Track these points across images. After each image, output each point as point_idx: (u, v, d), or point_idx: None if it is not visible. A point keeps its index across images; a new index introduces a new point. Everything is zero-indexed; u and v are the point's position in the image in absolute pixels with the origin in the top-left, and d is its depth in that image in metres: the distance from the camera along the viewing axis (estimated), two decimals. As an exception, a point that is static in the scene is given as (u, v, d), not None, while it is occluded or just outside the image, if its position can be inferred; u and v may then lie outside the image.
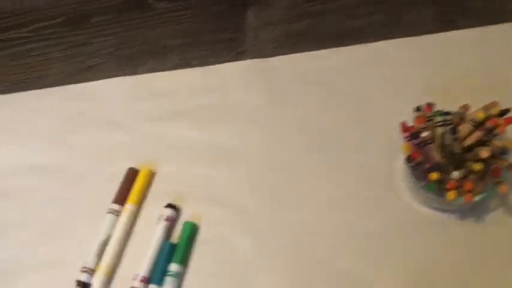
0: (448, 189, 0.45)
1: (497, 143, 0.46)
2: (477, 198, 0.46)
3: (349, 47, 0.60)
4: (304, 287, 0.48)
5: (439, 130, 0.48)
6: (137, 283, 0.48)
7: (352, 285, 0.47)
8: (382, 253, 0.48)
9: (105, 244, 0.51)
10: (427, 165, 0.47)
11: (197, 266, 0.50)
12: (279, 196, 0.53)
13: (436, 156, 0.47)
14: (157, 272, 0.49)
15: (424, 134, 0.48)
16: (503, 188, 0.45)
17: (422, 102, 0.49)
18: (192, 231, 0.51)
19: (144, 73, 0.63)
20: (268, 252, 0.50)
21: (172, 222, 0.52)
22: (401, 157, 0.52)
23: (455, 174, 0.45)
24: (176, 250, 0.50)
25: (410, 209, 0.50)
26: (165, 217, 0.52)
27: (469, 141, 0.47)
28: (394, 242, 0.49)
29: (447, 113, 0.48)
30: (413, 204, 0.50)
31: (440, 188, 0.46)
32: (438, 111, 0.49)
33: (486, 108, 0.47)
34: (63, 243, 0.53)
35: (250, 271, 0.49)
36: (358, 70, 0.58)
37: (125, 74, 0.63)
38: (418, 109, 0.48)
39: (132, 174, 0.55)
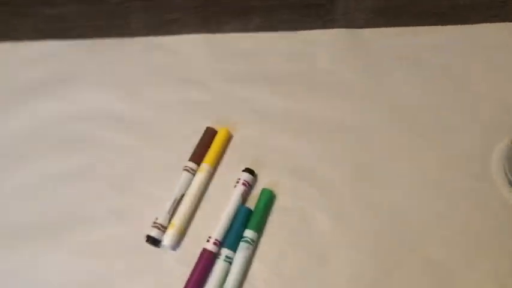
0: None
1: None
2: None
3: (449, 27, 0.56)
4: (385, 272, 0.45)
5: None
6: (210, 246, 0.47)
7: (439, 275, 0.44)
8: (473, 246, 0.45)
9: (178, 202, 0.50)
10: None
11: (272, 236, 0.48)
12: (364, 175, 0.50)
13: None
14: (231, 237, 0.47)
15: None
16: None
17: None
18: (269, 198, 0.49)
19: (226, 32, 0.60)
20: (348, 232, 0.47)
21: (248, 187, 0.50)
22: (500, 147, 0.49)
23: None
24: (252, 216, 0.48)
25: (506, 204, 0.47)
26: (242, 181, 0.50)
27: None
28: (487, 236, 0.45)
29: None
30: (509, 199, 0.47)
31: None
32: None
33: None
34: (134, 196, 0.51)
35: (327, 249, 0.46)
36: (459, 51, 0.54)
37: (206, 32, 0.61)
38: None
39: (210, 134, 0.53)
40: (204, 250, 0.47)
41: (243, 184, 0.50)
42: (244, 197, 0.50)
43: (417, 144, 0.50)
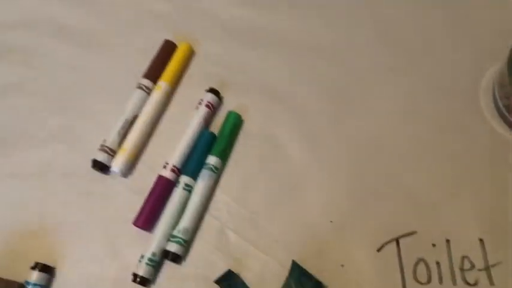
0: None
1: None
2: None
3: None
4: (361, 203, 0.40)
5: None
6: (167, 172, 0.41)
7: (419, 207, 0.40)
8: (456, 177, 0.41)
9: (130, 123, 0.43)
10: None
11: (237, 164, 0.42)
12: (342, 99, 0.44)
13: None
14: (192, 163, 0.41)
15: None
16: None
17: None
18: (236, 122, 0.43)
19: None
20: (321, 160, 0.42)
21: (212, 110, 0.44)
22: (490, 73, 0.45)
23: None
24: (216, 142, 0.42)
25: (493, 134, 0.43)
26: (205, 102, 0.43)
27: None
28: (471, 167, 0.41)
29: None
30: (497, 129, 0.43)
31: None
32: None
33: None
34: (79, 115, 0.44)
35: (299, 178, 0.41)
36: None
37: None
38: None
39: (168, 48, 0.46)
40: (160, 177, 0.41)
41: (206, 106, 0.43)
42: (207, 120, 0.44)
43: (401, 67, 0.45)
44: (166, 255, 0.39)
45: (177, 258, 0.39)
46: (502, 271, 0.38)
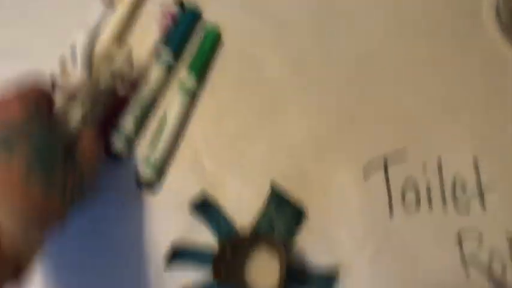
0: None
1: None
2: None
3: None
4: (348, 127, 0.37)
5: None
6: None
7: (412, 129, 0.37)
8: (452, 97, 0.38)
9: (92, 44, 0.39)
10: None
11: (214, 85, 0.39)
12: (328, 13, 0.40)
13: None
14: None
15: None
16: None
17: None
18: (214, 39, 0.39)
19: None
20: (306, 80, 0.39)
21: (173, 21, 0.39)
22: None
23: None
24: (193, 61, 0.39)
25: (495, 51, 0.39)
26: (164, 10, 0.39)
27: None
28: (469, 86, 0.38)
29: None
30: (500, 46, 0.39)
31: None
32: None
33: None
34: (36, 28, 0.40)
35: (281, 100, 0.38)
36: None
37: None
38: None
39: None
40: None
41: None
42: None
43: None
44: (139, 183, 0.36)
45: (150, 187, 0.36)
46: (495, 196, 0.35)
